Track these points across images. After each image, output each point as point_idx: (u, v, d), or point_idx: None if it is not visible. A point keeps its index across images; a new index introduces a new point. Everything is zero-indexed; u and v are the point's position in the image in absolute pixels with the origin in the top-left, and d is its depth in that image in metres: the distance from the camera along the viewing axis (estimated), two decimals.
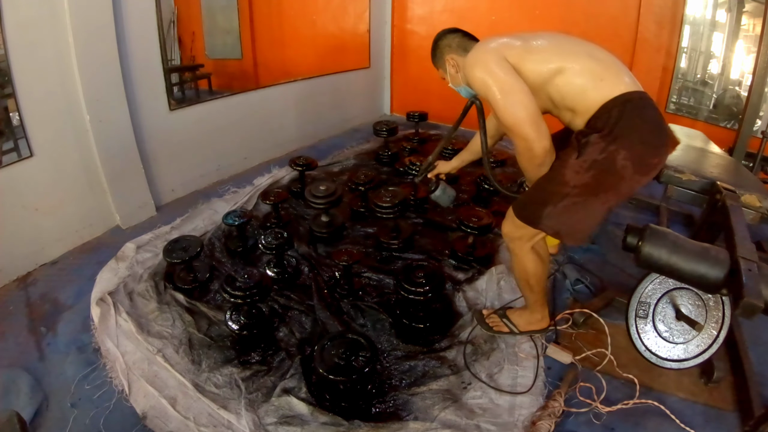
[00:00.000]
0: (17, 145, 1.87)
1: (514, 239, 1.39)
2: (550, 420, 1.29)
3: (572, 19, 3.29)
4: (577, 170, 1.17)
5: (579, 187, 1.18)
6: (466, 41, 1.41)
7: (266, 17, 3.39)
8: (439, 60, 1.49)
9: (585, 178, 1.17)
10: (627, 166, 1.14)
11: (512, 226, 1.37)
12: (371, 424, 1.28)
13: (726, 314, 1.34)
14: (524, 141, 1.17)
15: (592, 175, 1.16)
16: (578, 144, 1.17)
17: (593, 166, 1.16)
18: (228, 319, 1.57)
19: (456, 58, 1.41)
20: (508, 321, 1.61)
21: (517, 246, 1.39)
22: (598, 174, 1.16)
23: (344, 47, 3.95)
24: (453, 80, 1.47)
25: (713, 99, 3.24)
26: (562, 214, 1.22)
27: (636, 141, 1.14)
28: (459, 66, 1.41)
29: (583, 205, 1.21)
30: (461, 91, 1.49)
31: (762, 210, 1.55)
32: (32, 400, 1.34)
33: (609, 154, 1.14)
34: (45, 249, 2.02)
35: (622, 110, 1.13)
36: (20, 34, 1.76)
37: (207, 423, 1.29)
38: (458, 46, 1.41)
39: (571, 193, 1.19)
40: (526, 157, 1.21)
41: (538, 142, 1.15)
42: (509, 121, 1.16)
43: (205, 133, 2.74)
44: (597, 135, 1.15)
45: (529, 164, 1.24)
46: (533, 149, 1.17)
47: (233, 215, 2.08)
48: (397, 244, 2.12)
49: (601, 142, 1.14)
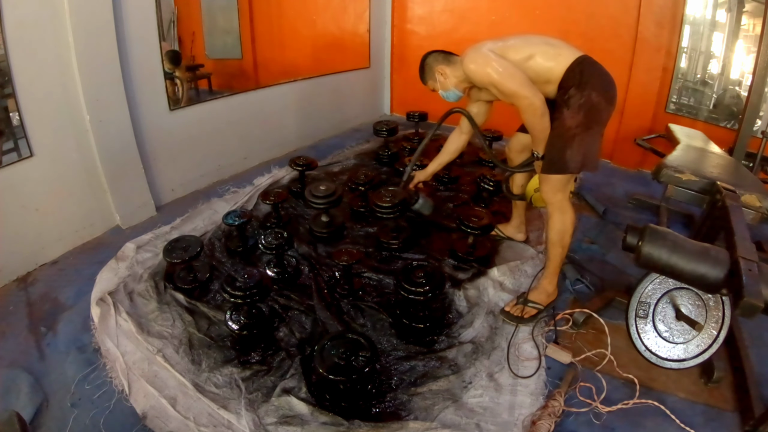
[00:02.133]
0: (17, 145, 1.87)
1: (556, 196, 1.67)
2: (550, 420, 1.29)
3: (572, 18, 3.28)
4: (572, 116, 1.55)
5: (579, 126, 1.55)
6: (448, 55, 1.82)
7: (266, 17, 3.38)
8: (428, 74, 1.85)
9: (579, 118, 1.54)
10: (600, 101, 1.55)
11: (550, 186, 1.67)
12: (371, 424, 1.28)
13: (726, 314, 1.34)
14: (526, 99, 1.54)
15: (582, 114, 1.54)
16: (563, 100, 1.56)
17: (581, 108, 1.54)
18: (228, 319, 1.57)
19: (444, 68, 1.79)
20: (532, 303, 1.74)
21: (559, 198, 1.67)
22: (586, 112, 1.54)
23: (344, 47, 3.95)
24: (443, 87, 1.83)
25: (713, 99, 3.23)
26: (578, 151, 1.57)
27: (598, 83, 1.55)
28: (447, 74, 1.79)
29: (587, 137, 1.57)
30: (449, 95, 1.85)
31: (762, 210, 1.55)
32: (32, 400, 1.34)
33: (586, 97, 1.53)
34: (45, 249, 2.02)
35: (581, 68, 1.55)
36: (20, 34, 1.76)
37: (207, 423, 1.29)
38: (444, 60, 1.81)
39: (577, 133, 1.56)
40: (530, 111, 1.57)
41: (535, 97, 1.54)
42: (512, 88, 1.54)
43: (205, 133, 2.74)
44: (573, 88, 1.54)
45: (533, 117, 1.58)
46: (534, 103, 1.54)
47: (233, 215, 2.08)
48: (397, 244, 2.12)
49: (578, 92, 1.54)
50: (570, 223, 1.70)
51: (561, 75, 1.58)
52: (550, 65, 1.59)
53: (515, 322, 1.69)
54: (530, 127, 1.63)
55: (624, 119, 3.28)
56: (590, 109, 1.55)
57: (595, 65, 1.58)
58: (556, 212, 1.69)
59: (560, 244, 1.72)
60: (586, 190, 2.85)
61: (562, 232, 1.70)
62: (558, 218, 1.69)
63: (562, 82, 1.58)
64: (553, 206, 1.68)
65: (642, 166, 3.31)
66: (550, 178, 1.65)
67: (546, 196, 1.70)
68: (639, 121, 3.21)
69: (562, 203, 1.68)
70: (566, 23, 3.30)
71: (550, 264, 1.77)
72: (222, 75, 3.14)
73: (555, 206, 1.68)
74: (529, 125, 1.63)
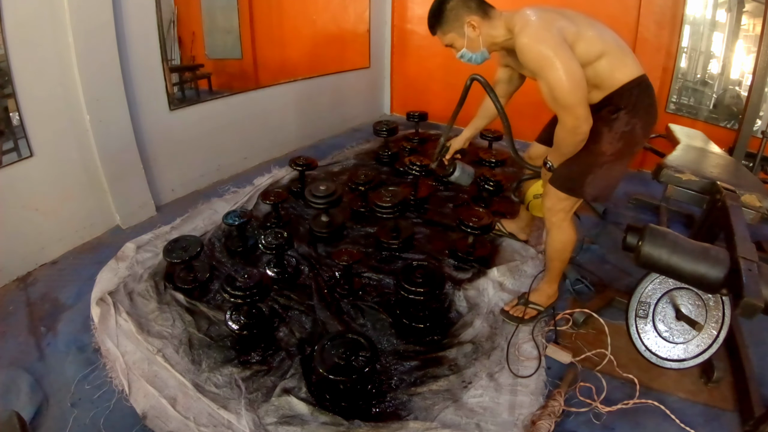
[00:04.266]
0: (17, 145, 1.87)
1: (558, 212, 1.55)
2: (550, 420, 1.29)
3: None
4: (611, 141, 1.41)
5: (614, 154, 1.42)
6: (484, 4, 1.43)
7: (266, 17, 3.38)
8: (452, 23, 1.43)
9: (617, 147, 1.41)
10: (641, 134, 1.43)
11: (555, 200, 1.54)
12: (371, 424, 1.28)
13: (726, 314, 1.34)
14: (576, 120, 1.31)
15: (623, 143, 1.41)
16: (608, 118, 1.40)
17: (623, 137, 1.41)
18: (228, 319, 1.57)
19: (479, 21, 1.40)
20: (533, 304, 1.72)
21: (560, 218, 1.56)
22: (626, 142, 1.41)
23: (344, 47, 3.95)
24: (471, 45, 1.44)
25: (713, 99, 3.23)
26: (600, 180, 1.46)
27: (645, 114, 1.41)
28: (481, 30, 1.41)
29: (614, 168, 1.46)
30: (475, 57, 1.48)
31: (762, 210, 1.55)
32: (32, 400, 1.34)
33: (632, 126, 1.40)
34: (45, 249, 2.02)
35: (639, 91, 1.39)
36: (20, 34, 1.76)
37: (207, 423, 1.29)
38: (478, 9, 1.41)
39: (608, 161, 1.43)
40: (573, 133, 1.35)
41: (586, 122, 1.32)
42: (568, 101, 1.28)
43: (205, 133, 2.74)
44: (623, 112, 1.39)
45: (573, 140, 1.37)
46: (581, 126, 1.32)
47: (233, 215, 2.08)
48: (397, 244, 2.12)
49: (626, 117, 1.39)
50: (569, 242, 1.61)
51: (616, 87, 1.39)
52: (613, 74, 1.39)
53: (515, 323, 1.69)
54: (561, 144, 1.42)
55: None
56: (630, 140, 1.41)
57: (650, 91, 1.42)
58: (554, 230, 1.60)
59: (558, 259, 1.66)
60: None
61: (560, 251, 1.63)
62: (557, 237, 1.60)
63: (614, 97, 1.40)
64: (552, 224, 1.59)
65: (642, 166, 3.31)
66: (558, 193, 1.52)
67: (546, 212, 1.58)
68: None
69: (561, 223, 1.57)
70: None
71: (548, 273, 1.74)
72: (222, 75, 3.14)
73: (554, 224, 1.59)
74: (561, 143, 1.42)
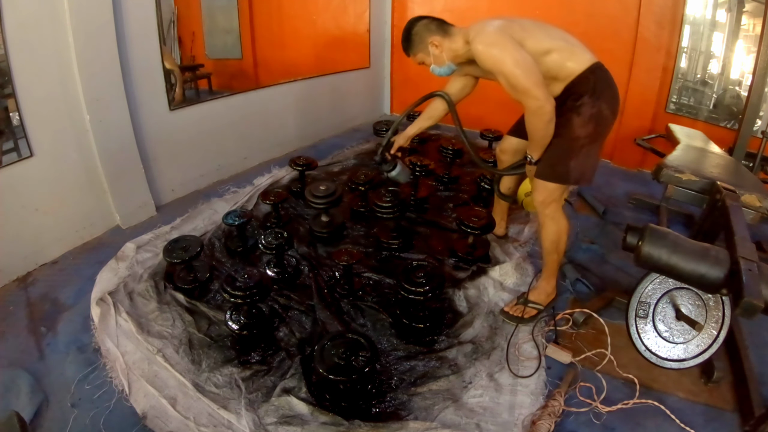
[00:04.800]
0: (17, 145, 1.87)
1: (550, 204, 1.62)
2: (550, 420, 1.29)
3: (572, 19, 3.28)
4: (583, 125, 1.50)
5: (588, 137, 1.51)
6: (442, 24, 1.63)
7: (266, 17, 3.38)
8: (418, 45, 1.65)
9: (589, 129, 1.50)
10: (608, 114, 1.52)
11: (546, 192, 1.60)
12: (371, 424, 1.28)
13: (726, 314, 1.34)
14: (537, 101, 1.41)
15: (593, 126, 1.50)
16: (574, 106, 1.50)
17: (591, 119, 1.50)
18: (228, 319, 1.57)
19: (440, 40, 1.61)
20: (532, 303, 1.73)
21: (553, 208, 1.63)
22: (596, 124, 1.51)
23: (344, 47, 3.95)
24: (437, 61, 1.65)
25: (713, 99, 3.24)
26: (582, 162, 1.54)
27: (608, 95, 1.51)
28: (443, 46, 1.61)
29: (592, 150, 1.55)
30: (444, 70, 1.68)
31: (762, 210, 1.55)
32: (32, 400, 1.34)
33: (598, 108, 1.49)
34: (45, 249, 2.02)
35: (596, 77, 1.49)
36: (20, 34, 1.76)
37: (207, 423, 1.29)
38: (438, 29, 1.62)
39: (585, 144, 1.52)
40: (538, 115, 1.45)
41: (547, 101, 1.42)
42: (525, 85, 1.40)
43: (205, 133, 2.74)
44: (587, 96, 1.48)
45: (539, 121, 1.46)
46: (544, 107, 1.42)
47: (233, 215, 2.08)
48: (397, 244, 2.12)
49: (591, 101, 1.49)
50: (564, 231, 1.67)
51: (572, 77, 1.50)
52: (566, 65, 1.50)
53: (515, 322, 1.69)
54: (532, 130, 1.52)
55: (624, 119, 3.27)
56: (600, 122, 1.51)
57: (608, 75, 1.53)
58: (548, 221, 1.66)
59: (555, 251, 1.70)
60: (586, 190, 2.85)
61: (556, 242, 1.68)
62: (551, 228, 1.66)
63: (573, 86, 1.51)
64: (546, 216, 1.65)
65: (642, 166, 3.31)
66: (547, 185, 1.60)
67: (538, 206, 1.65)
68: (639, 121, 3.21)
69: (554, 213, 1.64)
70: (566, 23, 3.24)
71: (546, 269, 1.77)
72: (222, 75, 3.14)
73: (547, 216, 1.65)
74: (532, 128, 1.52)
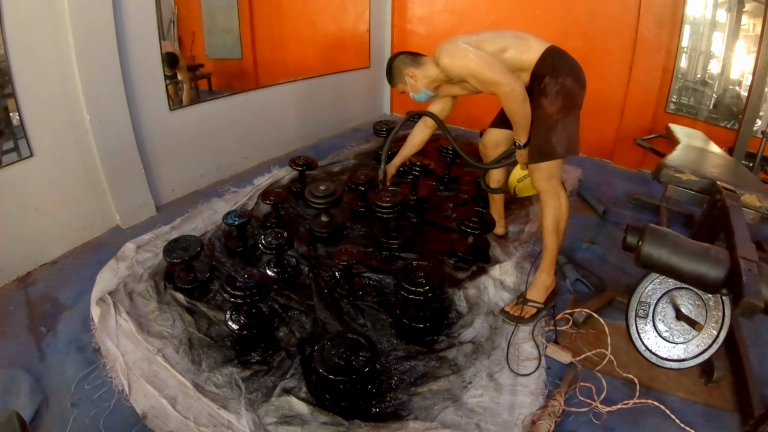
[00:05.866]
0: (17, 145, 1.87)
1: (549, 179, 1.69)
2: (550, 420, 1.29)
3: (572, 18, 3.28)
4: (551, 103, 1.61)
5: (559, 111, 1.62)
6: (415, 57, 1.82)
7: (266, 17, 3.38)
8: (397, 77, 1.86)
9: (559, 104, 1.61)
10: (574, 86, 1.62)
11: (542, 174, 1.68)
12: (371, 424, 1.28)
13: (726, 314, 1.34)
14: (506, 86, 1.56)
15: (561, 100, 1.61)
16: (540, 89, 1.63)
17: (558, 95, 1.61)
18: (228, 319, 1.57)
19: (413, 71, 1.80)
20: (532, 302, 1.74)
21: (553, 184, 1.70)
22: (564, 98, 1.61)
23: (344, 47, 3.95)
24: (413, 89, 1.84)
25: (713, 99, 3.24)
26: (563, 136, 1.63)
27: (568, 70, 1.62)
28: (417, 76, 1.80)
29: (568, 122, 1.64)
30: (420, 96, 1.87)
31: (762, 210, 1.55)
32: (32, 400, 1.34)
33: (561, 83, 1.60)
34: (45, 249, 2.02)
35: (552, 58, 1.62)
36: (20, 34, 1.76)
37: (207, 423, 1.29)
38: (412, 62, 1.81)
39: (558, 118, 1.62)
40: (512, 98, 1.58)
41: (515, 83, 1.57)
42: (491, 77, 1.57)
43: (205, 133, 2.74)
44: (548, 77, 1.61)
45: (515, 102, 1.60)
46: (515, 89, 1.56)
47: (233, 215, 2.08)
48: (397, 244, 2.12)
49: (552, 80, 1.61)
50: (565, 209, 1.72)
51: (533, 65, 1.64)
52: (522, 56, 1.65)
53: (515, 322, 1.69)
54: (512, 113, 1.65)
55: (624, 119, 3.28)
56: (567, 95, 1.61)
57: (563, 54, 1.65)
58: (550, 198, 1.70)
59: (556, 230, 1.73)
60: (586, 190, 2.85)
61: (557, 218, 1.72)
62: (553, 204, 1.70)
63: (535, 72, 1.64)
64: (547, 193, 1.70)
65: (642, 166, 3.31)
66: (540, 166, 1.67)
67: (539, 185, 1.71)
68: (639, 121, 3.21)
69: (556, 188, 1.70)
70: (566, 23, 3.30)
71: (546, 254, 1.77)
72: (222, 75, 3.14)
73: (549, 192, 1.70)
74: (511, 112, 1.64)
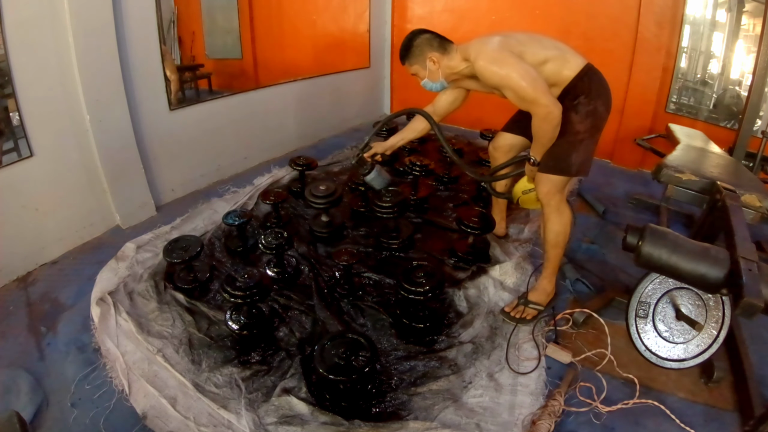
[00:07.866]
0: (17, 145, 1.87)
1: (554, 194, 1.68)
2: (550, 419, 1.29)
3: (572, 19, 3.28)
4: (581, 121, 1.60)
5: (586, 131, 1.61)
6: (443, 41, 1.69)
7: (266, 17, 3.38)
8: (417, 57, 1.70)
9: (587, 125, 1.60)
10: (603, 111, 1.63)
11: (549, 184, 1.67)
12: (371, 424, 1.28)
13: (726, 314, 1.34)
14: (545, 107, 1.49)
15: (590, 121, 1.60)
16: (572, 105, 1.60)
17: (588, 116, 1.60)
18: (228, 319, 1.57)
19: (438, 56, 1.67)
20: (533, 304, 1.74)
21: (558, 199, 1.68)
22: (593, 120, 1.61)
23: (344, 47, 3.95)
24: (431, 76, 1.72)
25: (713, 99, 3.24)
26: (582, 155, 1.63)
27: (602, 94, 1.62)
28: (441, 64, 1.68)
29: (590, 144, 1.65)
30: (435, 86, 1.76)
31: (762, 210, 1.55)
32: (32, 400, 1.34)
33: (594, 106, 1.60)
34: (45, 249, 2.02)
35: (589, 78, 1.61)
36: (20, 34, 1.76)
37: (207, 423, 1.29)
38: (439, 46, 1.68)
39: (584, 138, 1.62)
40: (548, 120, 1.52)
41: (554, 106, 1.50)
42: (533, 96, 1.48)
43: (205, 133, 2.74)
44: (584, 96, 1.59)
45: (549, 126, 1.55)
46: (553, 112, 1.50)
47: (233, 215, 2.08)
48: (397, 244, 2.12)
49: (587, 100, 1.60)
50: (568, 224, 1.71)
51: (568, 81, 1.61)
52: (561, 72, 1.61)
53: (515, 323, 1.69)
54: (541, 134, 1.59)
55: (624, 119, 3.28)
56: (596, 118, 1.61)
57: (600, 76, 1.64)
58: (553, 214, 1.69)
59: (559, 245, 1.72)
60: (586, 190, 2.85)
61: (560, 234, 1.71)
62: (556, 220, 1.69)
63: (570, 88, 1.61)
64: (551, 207, 1.68)
65: (642, 166, 3.31)
66: (551, 178, 1.65)
67: (544, 198, 1.69)
68: (639, 121, 3.22)
69: (559, 205, 1.69)
70: (566, 23, 3.30)
71: (548, 264, 1.77)
72: (222, 75, 3.14)
73: (552, 207, 1.68)
74: (540, 132, 1.58)
